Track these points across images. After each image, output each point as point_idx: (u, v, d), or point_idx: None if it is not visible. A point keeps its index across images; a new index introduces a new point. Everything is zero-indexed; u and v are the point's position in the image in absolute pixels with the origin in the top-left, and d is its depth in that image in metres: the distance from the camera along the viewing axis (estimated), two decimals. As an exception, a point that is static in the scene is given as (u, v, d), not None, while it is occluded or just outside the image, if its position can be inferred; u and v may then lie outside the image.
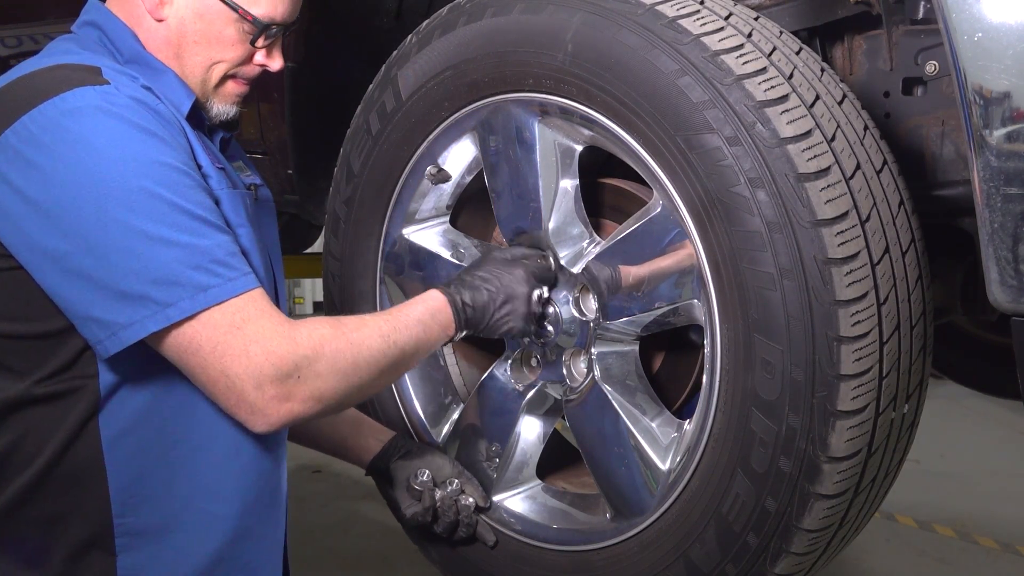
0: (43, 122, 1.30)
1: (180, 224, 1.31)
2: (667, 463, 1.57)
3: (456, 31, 1.67)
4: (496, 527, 1.77)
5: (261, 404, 1.33)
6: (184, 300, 1.30)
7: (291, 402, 1.35)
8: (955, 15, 1.25)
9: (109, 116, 1.31)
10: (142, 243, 1.29)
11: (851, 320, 1.35)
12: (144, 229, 1.29)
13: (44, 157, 1.29)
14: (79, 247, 1.29)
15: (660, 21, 1.44)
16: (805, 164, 1.35)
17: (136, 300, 1.29)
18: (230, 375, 1.32)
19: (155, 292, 1.29)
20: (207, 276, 1.31)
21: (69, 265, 1.30)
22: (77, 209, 1.28)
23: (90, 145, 1.29)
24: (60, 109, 1.31)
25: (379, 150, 1.81)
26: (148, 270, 1.29)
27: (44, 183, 1.29)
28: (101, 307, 1.30)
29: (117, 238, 1.28)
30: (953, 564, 3.31)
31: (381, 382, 1.48)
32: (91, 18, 1.50)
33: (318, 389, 1.37)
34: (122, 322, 1.30)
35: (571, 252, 1.65)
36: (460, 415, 1.84)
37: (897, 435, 1.49)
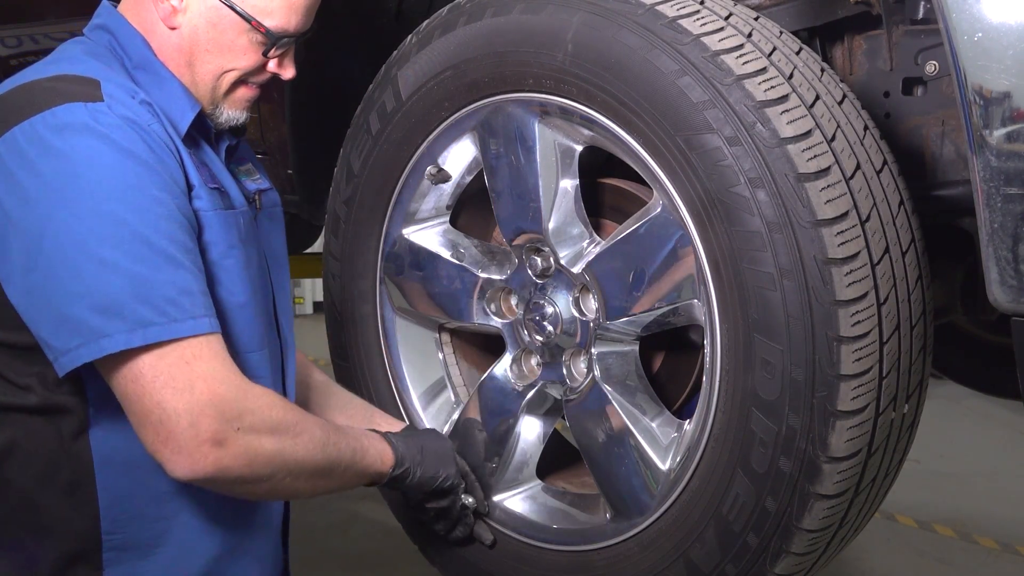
0: (30, 136, 1.29)
1: (139, 254, 1.27)
2: (667, 463, 1.57)
3: (456, 31, 1.67)
4: (496, 527, 1.77)
5: (192, 445, 1.27)
6: (121, 333, 1.25)
7: (223, 449, 1.28)
8: (955, 15, 1.25)
9: (93, 136, 1.29)
10: (94, 267, 1.25)
11: (851, 320, 1.35)
12: (100, 254, 1.26)
13: (25, 172, 1.28)
14: (38, 264, 1.27)
15: (660, 21, 1.44)
16: (805, 164, 1.35)
17: (75, 325, 1.26)
18: (166, 408, 1.26)
19: (94, 319, 1.25)
20: (151, 312, 1.26)
21: (28, 282, 1.28)
22: (43, 227, 1.26)
23: (68, 164, 1.28)
24: (48, 124, 1.29)
25: (379, 150, 1.81)
26: (92, 295, 1.25)
27: (22, 198, 1.28)
28: (47, 328, 1.28)
29: (71, 258, 1.26)
30: (953, 564, 3.31)
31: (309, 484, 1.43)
32: (103, 22, 1.48)
33: (253, 448, 1.31)
34: (59, 347, 1.27)
35: (571, 252, 1.65)
36: (460, 415, 1.84)
37: (897, 435, 1.49)
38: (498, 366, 1.78)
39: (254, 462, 1.32)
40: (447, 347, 1.92)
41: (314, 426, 1.43)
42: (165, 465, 1.29)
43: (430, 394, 1.91)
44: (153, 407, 1.27)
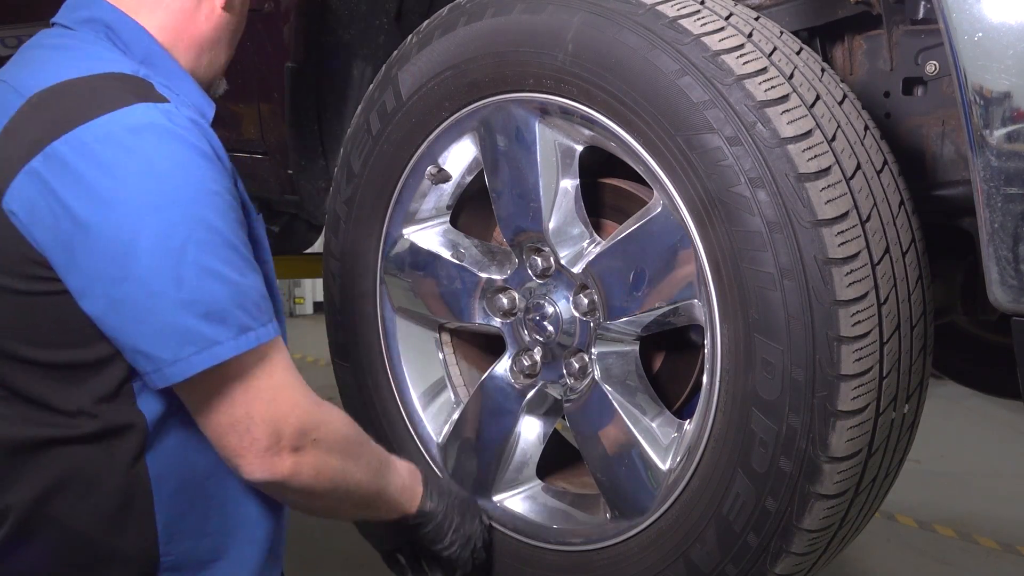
0: (102, 137, 1.22)
1: (231, 260, 1.26)
2: (667, 463, 1.57)
3: (456, 31, 1.67)
4: (496, 527, 1.77)
5: (273, 450, 1.29)
6: (229, 340, 1.25)
7: (299, 456, 1.32)
8: (955, 15, 1.25)
9: (172, 138, 1.25)
10: (196, 274, 1.22)
11: (851, 320, 1.35)
12: (200, 260, 1.23)
13: (102, 175, 1.21)
14: (131, 273, 1.21)
15: (661, 21, 1.44)
16: (805, 164, 1.35)
17: (184, 333, 1.23)
18: (255, 418, 1.28)
19: (205, 327, 1.23)
20: (248, 317, 1.26)
21: (118, 292, 1.22)
22: (133, 234, 1.21)
23: (153, 167, 1.22)
24: (123, 125, 1.23)
25: (379, 150, 1.81)
26: (198, 303, 1.22)
27: (99, 203, 1.21)
28: (147, 339, 1.23)
29: (172, 266, 1.21)
30: (953, 564, 3.31)
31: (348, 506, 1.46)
32: (93, 15, 1.40)
33: (322, 460, 1.35)
34: (167, 357, 1.23)
35: (571, 252, 1.65)
36: (460, 415, 1.84)
37: (897, 435, 1.49)
38: (498, 366, 1.78)
39: (321, 474, 1.35)
40: (447, 347, 1.93)
41: (374, 451, 1.47)
42: (242, 468, 1.30)
43: (430, 394, 1.91)
44: (242, 417, 1.28)
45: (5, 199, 1.23)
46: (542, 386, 1.74)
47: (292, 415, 1.30)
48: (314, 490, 1.35)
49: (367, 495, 1.46)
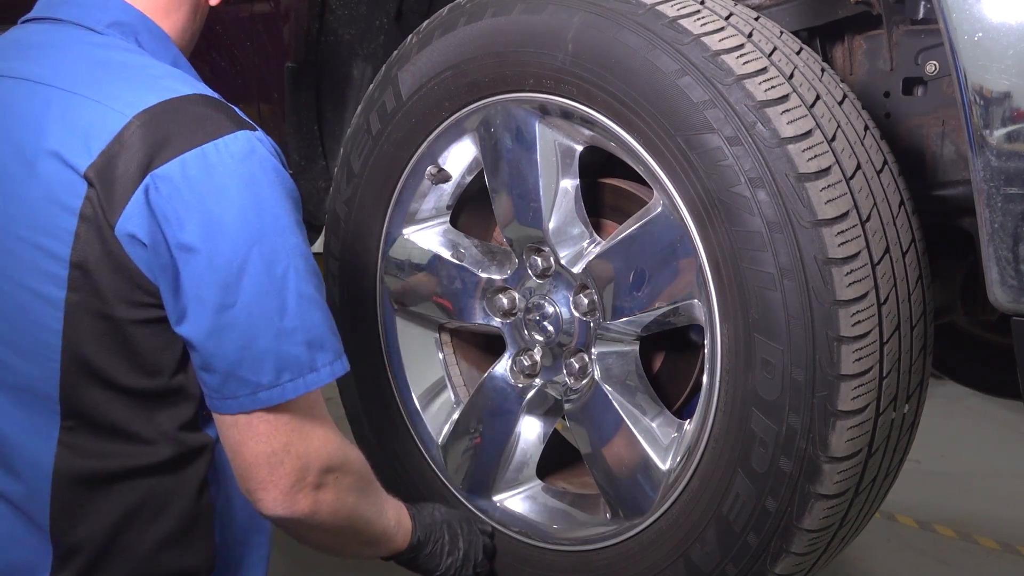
0: (213, 163, 1.22)
1: (320, 287, 1.30)
2: (667, 463, 1.57)
3: (456, 31, 1.67)
4: (496, 527, 1.77)
5: (296, 486, 1.29)
6: (326, 367, 1.28)
7: (319, 492, 1.32)
8: (955, 15, 1.25)
9: (271, 167, 1.26)
10: (296, 301, 1.25)
11: (851, 320, 1.35)
12: (300, 288, 1.25)
13: (212, 200, 1.21)
14: (238, 300, 1.22)
15: (661, 21, 1.44)
16: (805, 164, 1.35)
17: (284, 360, 1.25)
18: (291, 451, 1.28)
19: (304, 353, 1.26)
20: (338, 343, 1.31)
21: (224, 318, 1.22)
22: (242, 262, 1.22)
23: (258, 196, 1.24)
24: (230, 153, 1.23)
25: (379, 150, 1.81)
26: (300, 330, 1.25)
27: (209, 229, 1.21)
28: (246, 365, 1.24)
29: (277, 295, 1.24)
30: (953, 564, 3.31)
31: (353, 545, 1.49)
32: (119, 18, 1.36)
33: (340, 499, 1.36)
34: (263, 382, 1.25)
35: (571, 252, 1.65)
36: (460, 415, 1.84)
37: (897, 435, 1.49)
38: (498, 366, 1.78)
39: (337, 513, 1.36)
40: (447, 347, 1.92)
41: (380, 491, 1.49)
42: (263, 502, 1.30)
43: (430, 394, 1.91)
44: (279, 449, 1.28)
45: (120, 222, 1.21)
46: (542, 386, 1.74)
47: (323, 451, 1.31)
48: (328, 527, 1.37)
49: (373, 533, 1.48)
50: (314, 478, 1.31)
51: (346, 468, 1.36)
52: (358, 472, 1.40)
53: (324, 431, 1.32)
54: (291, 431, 1.28)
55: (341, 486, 1.35)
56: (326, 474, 1.32)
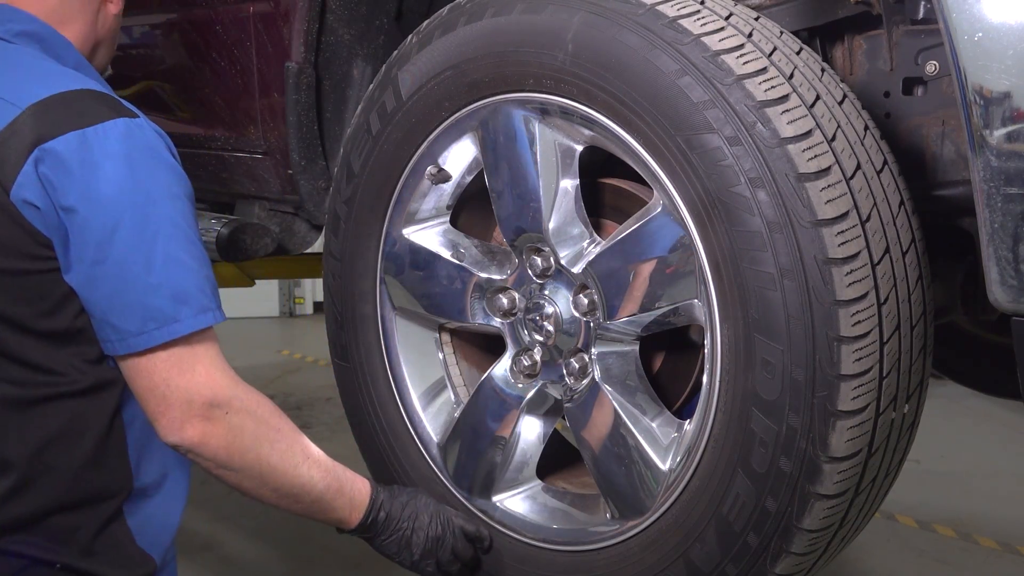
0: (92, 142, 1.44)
1: (192, 252, 1.49)
2: (667, 463, 1.57)
3: (456, 31, 1.67)
4: (496, 527, 1.77)
5: (183, 416, 1.47)
6: (188, 319, 1.47)
7: (208, 424, 1.48)
8: (955, 15, 1.25)
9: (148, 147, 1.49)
10: (164, 262, 1.45)
11: (851, 320, 1.35)
12: (168, 250, 1.46)
13: (91, 174, 1.43)
14: (108, 256, 1.43)
15: (660, 21, 1.44)
16: (805, 164, 1.35)
17: (149, 311, 1.45)
18: (171, 385, 1.47)
19: (168, 306, 1.45)
20: (207, 300, 1.49)
21: (97, 271, 1.44)
22: (114, 224, 1.43)
23: (133, 171, 1.45)
24: (108, 135, 1.45)
25: (379, 150, 1.81)
26: (164, 285, 1.45)
27: (88, 196, 1.43)
28: (116, 312, 1.45)
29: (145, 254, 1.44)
30: (953, 564, 3.31)
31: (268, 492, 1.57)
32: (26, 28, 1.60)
33: (233, 433, 1.49)
34: (132, 329, 1.45)
35: (571, 252, 1.65)
36: (460, 415, 1.84)
37: (897, 435, 1.49)
38: (498, 366, 1.78)
39: (231, 447, 1.50)
40: (447, 347, 1.93)
41: (294, 441, 1.58)
42: (159, 430, 1.48)
43: (430, 394, 1.91)
44: (160, 383, 1.47)
45: (14, 190, 1.43)
46: (542, 386, 1.74)
47: (206, 387, 1.47)
48: (225, 463, 1.51)
49: (286, 485, 1.57)
50: (199, 410, 1.47)
51: (236, 407, 1.50)
52: (254, 414, 1.52)
53: (209, 371, 1.49)
54: (170, 367, 1.46)
55: (231, 423, 1.49)
56: (212, 408, 1.48)
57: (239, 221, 2.37)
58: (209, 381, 1.49)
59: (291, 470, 1.57)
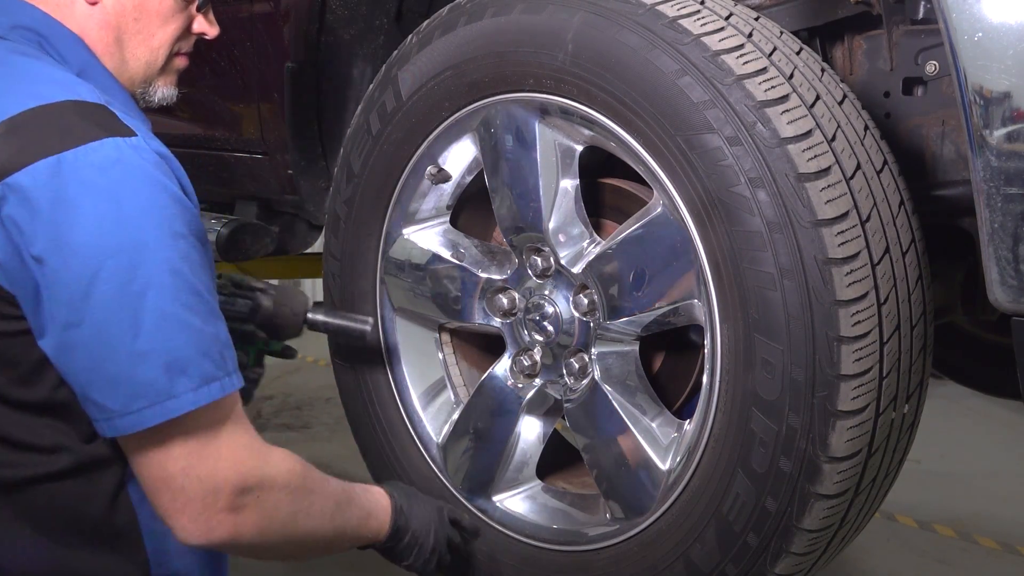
0: (68, 172, 1.16)
1: (194, 306, 1.20)
2: (667, 463, 1.57)
3: (456, 31, 1.67)
4: (496, 527, 1.77)
5: (209, 512, 1.22)
6: (188, 392, 1.18)
7: (239, 516, 1.24)
8: (955, 15, 1.25)
9: (141, 176, 1.19)
10: (155, 321, 1.17)
11: (851, 320, 1.35)
12: (161, 307, 1.17)
13: (63, 212, 1.15)
14: (85, 318, 1.16)
15: (661, 21, 1.44)
16: (805, 164, 1.35)
17: (137, 385, 1.17)
18: (190, 475, 1.21)
19: (159, 379, 1.17)
20: (213, 367, 1.20)
21: (70, 337, 1.17)
22: (92, 278, 1.15)
23: (119, 208, 1.17)
24: (90, 161, 1.17)
25: (379, 150, 1.81)
26: (155, 352, 1.17)
27: (59, 242, 1.15)
28: (97, 388, 1.18)
29: (128, 313, 1.16)
30: (953, 564, 3.31)
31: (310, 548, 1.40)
32: (23, 22, 1.33)
33: (267, 517, 1.28)
34: (117, 408, 1.18)
35: (571, 252, 1.65)
36: (460, 415, 1.84)
37: (897, 435, 1.49)
38: (498, 366, 1.78)
39: (267, 531, 1.29)
40: (447, 347, 1.92)
41: (327, 496, 1.39)
42: (177, 531, 1.23)
43: (430, 394, 1.91)
44: (176, 474, 1.21)
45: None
46: (542, 386, 1.74)
47: (233, 473, 1.23)
48: (262, 546, 1.30)
49: (324, 538, 1.40)
50: (227, 501, 1.23)
51: (268, 484, 1.27)
52: (286, 485, 1.30)
53: (233, 449, 1.24)
54: (188, 454, 1.20)
55: (265, 505, 1.27)
56: (243, 495, 1.24)
57: (239, 221, 2.37)
58: (236, 464, 1.23)
59: (330, 523, 1.39)
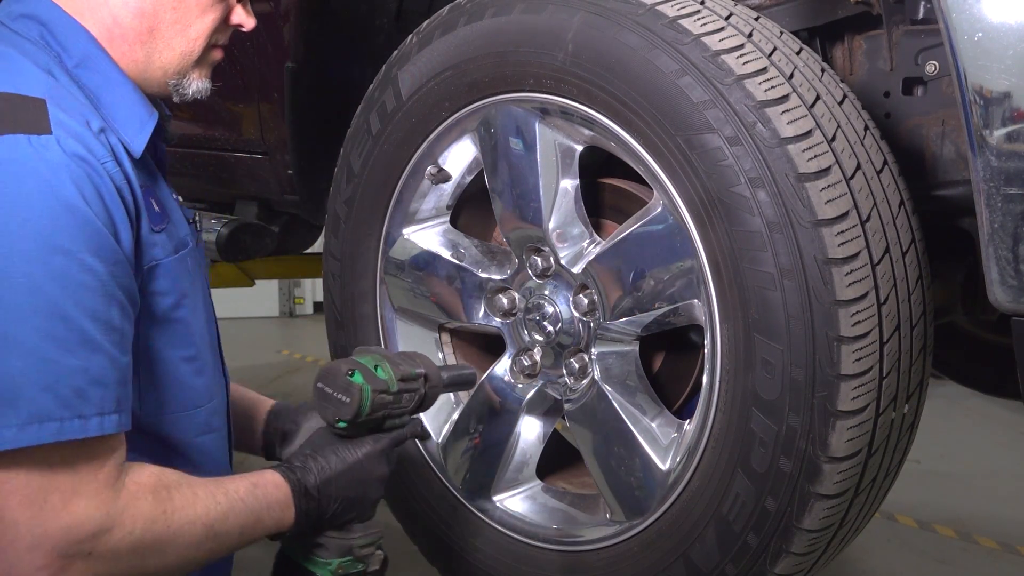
0: None
1: (53, 333, 1.07)
2: (667, 463, 1.57)
3: (457, 31, 1.67)
4: (496, 527, 1.77)
5: (21, 566, 1.07)
6: (9, 428, 1.04)
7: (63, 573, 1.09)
8: (955, 15, 1.25)
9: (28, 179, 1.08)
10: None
11: (851, 320, 1.35)
12: (5, 329, 1.05)
13: None
14: None
15: (661, 21, 1.44)
16: (805, 164, 1.35)
17: None
18: (19, 518, 1.07)
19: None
20: (54, 404, 1.06)
21: None
22: None
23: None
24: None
25: (379, 150, 1.81)
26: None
27: None
28: None
29: None
30: (953, 564, 3.30)
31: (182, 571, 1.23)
32: (30, 11, 1.27)
33: (106, 566, 1.12)
34: None
35: (571, 252, 1.65)
36: (460, 415, 1.84)
37: (897, 435, 1.49)
38: (498, 366, 1.78)
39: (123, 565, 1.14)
40: (447, 347, 1.92)
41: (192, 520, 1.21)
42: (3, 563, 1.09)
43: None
44: (7, 507, 1.07)
45: None
46: (542, 386, 1.74)
47: (59, 529, 1.08)
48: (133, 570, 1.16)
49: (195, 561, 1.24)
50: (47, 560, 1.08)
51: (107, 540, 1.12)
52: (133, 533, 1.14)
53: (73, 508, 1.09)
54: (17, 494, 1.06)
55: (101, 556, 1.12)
56: (71, 556, 1.09)
57: (239, 221, 2.37)
58: (69, 526, 1.08)
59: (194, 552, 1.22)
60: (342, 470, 1.37)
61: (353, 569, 1.41)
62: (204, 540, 1.22)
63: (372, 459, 1.40)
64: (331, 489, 1.36)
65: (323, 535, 1.39)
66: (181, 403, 1.33)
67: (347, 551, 1.40)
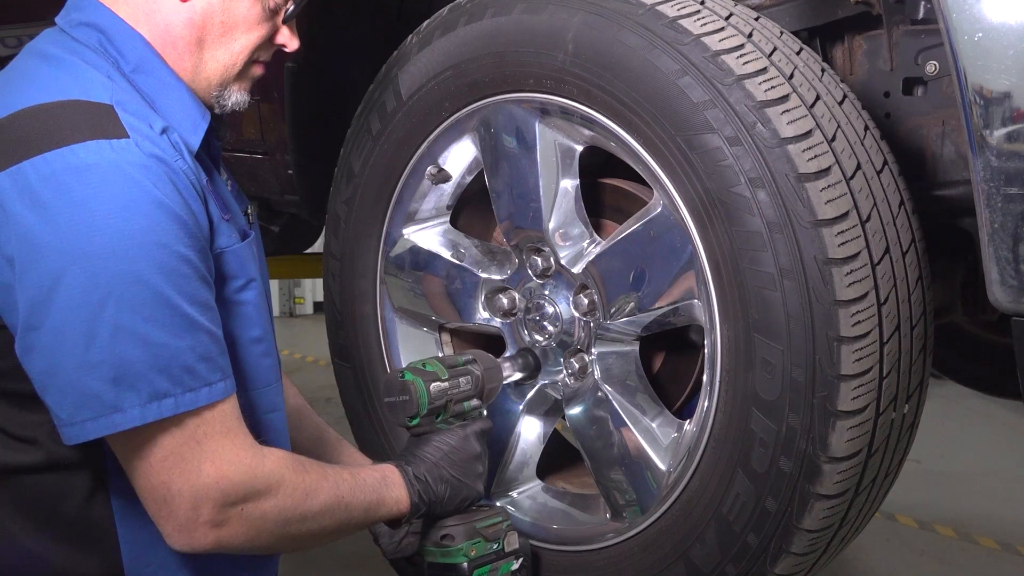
0: (46, 174, 1.16)
1: (160, 320, 1.18)
2: (667, 463, 1.57)
3: (457, 31, 1.67)
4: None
5: (191, 525, 1.22)
6: (135, 408, 1.17)
7: (223, 529, 1.23)
8: (955, 15, 1.25)
9: (120, 180, 1.17)
10: (109, 333, 1.15)
11: (851, 320, 1.35)
12: (117, 319, 1.15)
13: (35, 215, 1.15)
14: (44, 324, 1.16)
15: (661, 21, 1.44)
16: (806, 164, 1.35)
17: (84, 396, 1.16)
18: (172, 489, 1.21)
19: (107, 392, 1.16)
20: (168, 382, 1.18)
21: (29, 340, 1.18)
22: (54, 283, 1.15)
23: (90, 214, 1.15)
24: (67, 164, 1.16)
25: (379, 150, 1.81)
26: (105, 364, 1.16)
27: (29, 244, 1.16)
28: (51, 394, 1.19)
29: (84, 322, 1.15)
30: (953, 564, 3.31)
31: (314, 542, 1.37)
32: (91, 19, 1.34)
33: (255, 527, 1.26)
34: (65, 417, 1.18)
35: (571, 252, 1.65)
36: (460, 415, 1.84)
37: (897, 435, 1.49)
38: (498, 366, 1.78)
39: (256, 538, 1.27)
40: (447, 347, 1.92)
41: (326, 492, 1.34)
42: (164, 537, 1.24)
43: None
44: (158, 486, 1.21)
45: None
46: (542, 386, 1.74)
47: (214, 488, 1.22)
48: (253, 548, 1.29)
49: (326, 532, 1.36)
50: (208, 516, 1.22)
51: (254, 496, 1.25)
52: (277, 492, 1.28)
53: (218, 464, 1.22)
54: (167, 467, 1.20)
55: (251, 516, 1.25)
56: (225, 510, 1.23)
57: (239, 221, 2.37)
58: (218, 479, 1.22)
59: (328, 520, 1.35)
60: (441, 456, 1.50)
61: (488, 550, 1.52)
62: (336, 511, 1.35)
63: (465, 441, 1.53)
64: (437, 472, 1.49)
65: (446, 526, 1.51)
66: (254, 382, 1.42)
67: (473, 533, 1.51)
